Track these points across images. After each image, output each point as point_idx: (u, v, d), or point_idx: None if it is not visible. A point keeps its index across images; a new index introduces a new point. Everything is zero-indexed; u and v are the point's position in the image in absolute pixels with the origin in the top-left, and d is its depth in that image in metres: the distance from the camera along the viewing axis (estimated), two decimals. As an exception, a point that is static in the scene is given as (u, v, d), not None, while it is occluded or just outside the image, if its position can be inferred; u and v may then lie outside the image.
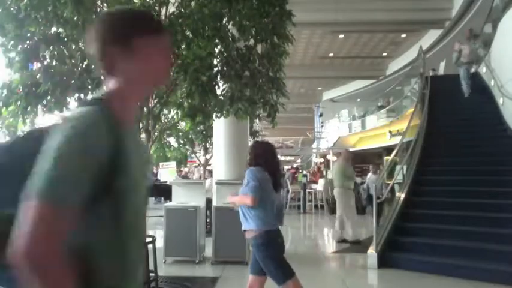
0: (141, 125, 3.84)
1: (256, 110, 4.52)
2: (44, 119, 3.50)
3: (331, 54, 19.94)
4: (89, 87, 3.25)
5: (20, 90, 3.16)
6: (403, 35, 17.33)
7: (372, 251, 5.17)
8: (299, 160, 31.02)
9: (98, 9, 3.34)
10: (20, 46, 3.21)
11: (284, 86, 4.37)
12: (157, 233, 7.12)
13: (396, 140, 10.23)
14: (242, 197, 2.85)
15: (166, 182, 10.80)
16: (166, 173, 12.70)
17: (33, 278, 0.71)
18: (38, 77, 3.20)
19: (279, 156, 6.77)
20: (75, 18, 3.12)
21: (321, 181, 12.65)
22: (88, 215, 0.80)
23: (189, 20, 3.30)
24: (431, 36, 16.22)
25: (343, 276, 5.00)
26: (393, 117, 16.49)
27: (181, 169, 14.95)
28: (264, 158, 2.95)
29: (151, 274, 3.84)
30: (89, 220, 0.81)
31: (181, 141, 8.74)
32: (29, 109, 3.22)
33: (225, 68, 3.77)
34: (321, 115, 28.75)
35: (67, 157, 0.77)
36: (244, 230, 2.90)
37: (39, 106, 3.26)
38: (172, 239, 5.35)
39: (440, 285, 4.50)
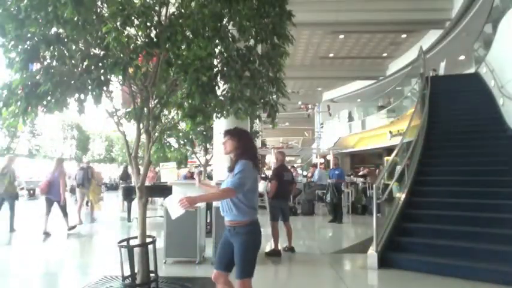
0: (141, 125, 3.84)
1: (256, 111, 4.52)
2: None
3: (331, 55, 19.96)
4: (89, 87, 3.24)
5: (21, 90, 3.15)
6: (403, 36, 17.34)
7: (372, 251, 5.17)
8: (299, 160, 31.01)
9: (98, 10, 3.33)
10: (20, 47, 3.20)
11: (284, 87, 4.37)
12: (157, 233, 7.12)
13: (396, 141, 10.23)
14: (224, 191, 2.83)
15: (166, 182, 10.81)
16: (167, 173, 12.71)
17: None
18: (38, 77, 3.19)
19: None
20: (75, 19, 3.12)
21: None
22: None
23: (189, 21, 3.30)
24: (431, 36, 16.22)
25: (343, 276, 5.00)
26: (393, 117, 16.49)
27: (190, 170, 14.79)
28: (254, 152, 3.04)
29: (152, 275, 3.84)
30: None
31: (182, 142, 8.73)
32: (29, 110, 3.21)
33: (225, 69, 3.76)
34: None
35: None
36: (231, 221, 2.91)
37: (39, 107, 3.25)
38: (173, 239, 5.35)
39: (440, 286, 4.50)
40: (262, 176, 13.71)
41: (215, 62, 3.80)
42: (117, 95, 4.37)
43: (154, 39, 3.26)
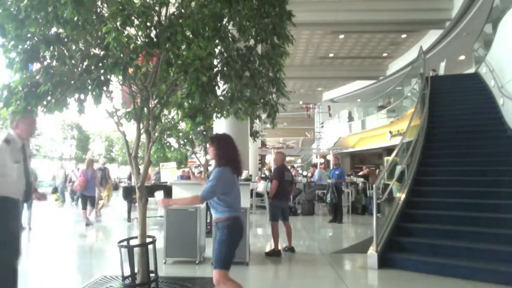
0: (141, 125, 3.84)
1: (256, 111, 4.52)
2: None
3: (331, 55, 19.96)
4: (89, 87, 3.24)
5: (20, 90, 3.15)
6: (404, 36, 17.35)
7: (372, 251, 5.17)
8: (299, 160, 31.02)
9: (98, 10, 3.33)
10: (20, 46, 3.20)
11: (284, 87, 4.37)
12: (157, 233, 7.12)
13: (396, 141, 10.23)
14: (192, 199, 3.21)
15: (166, 182, 10.83)
16: (167, 173, 12.75)
17: None
18: (38, 77, 3.19)
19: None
20: (75, 19, 3.12)
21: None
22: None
23: (189, 21, 3.29)
24: (431, 36, 16.23)
25: (343, 276, 5.00)
26: (393, 117, 16.49)
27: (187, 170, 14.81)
28: (233, 157, 3.26)
29: (152, 275, 3.84)
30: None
31: (182, 142, 8.74)
32: (29, 110, 3.21)
33: (225, 69, 3.77)
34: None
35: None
36: (215, 218, 3.23)
37: (39, 107, 3.25)
38: (173, 239, 5.35)
39: (440, 286, 4.50)
40: (262, 176, 13.71)
41: (215, 62, 3.80)
42: (117, 95, 4.37)
43: (154, 39, 3.26)
